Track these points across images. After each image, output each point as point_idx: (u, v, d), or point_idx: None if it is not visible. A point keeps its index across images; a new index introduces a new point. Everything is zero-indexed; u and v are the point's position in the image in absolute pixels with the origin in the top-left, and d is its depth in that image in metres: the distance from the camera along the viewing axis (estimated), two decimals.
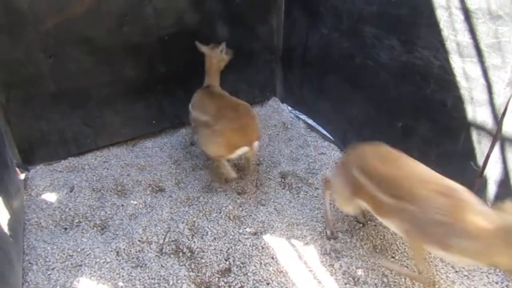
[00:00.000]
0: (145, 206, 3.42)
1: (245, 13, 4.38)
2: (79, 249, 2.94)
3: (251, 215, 3.32)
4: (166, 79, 4.22)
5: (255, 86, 4.91)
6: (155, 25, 3.88)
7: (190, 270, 2.82)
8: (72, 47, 3.58)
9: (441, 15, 2.73)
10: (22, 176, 3.60)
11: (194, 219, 3.25)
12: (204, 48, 3.78)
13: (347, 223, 3.24)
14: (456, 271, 2.78)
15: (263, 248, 2.98)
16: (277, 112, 4.89)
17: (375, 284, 2.71)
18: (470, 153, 2.80)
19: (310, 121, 4.58)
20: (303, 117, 4.70)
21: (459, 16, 2.61)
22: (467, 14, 2.56)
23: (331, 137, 4.28)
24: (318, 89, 4.27)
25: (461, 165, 2.90)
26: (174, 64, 4.19)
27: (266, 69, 4.85)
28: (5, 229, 2.63)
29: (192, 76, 4.37)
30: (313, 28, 4.08)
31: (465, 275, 2.75)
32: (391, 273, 2.78)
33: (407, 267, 2.82)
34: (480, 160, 2.75)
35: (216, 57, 3.76)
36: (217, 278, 2.77)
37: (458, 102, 2.79)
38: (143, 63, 4.02)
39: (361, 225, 3.20)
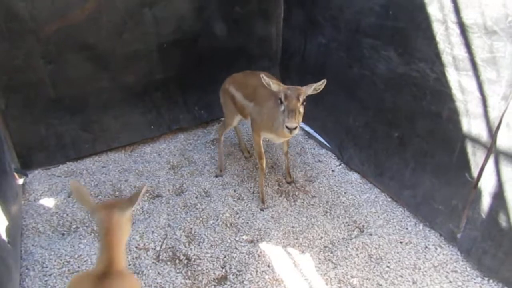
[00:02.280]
0: (142, 212, 3.44)
1: (244, 21, 4.41)
2: (76, 255, 2.96)
3: (247, 223, 3.34)
4: (165, 85, 4.25)
5: None
6: (155, 33, 3.92)
7: (186, 277, 2.84)
8: (71, 53, 3.61)
9: (438, 28, 2.77)
10: (20, 181, 3.61)
11: (191, 226, 3.27)
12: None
13: (344, 232, 3.27)
14: (450, 281, 2.81)
15: (259, 256, 3.00)
16: None
17: None
18: (465, 164, 2.84)
19: (308, 128, 4.61)
20: (300, 124, 4.71)
21: (455, 30, 2.65)
22: (463, 29, 2.60)
23: (328, 145, 4.31)
24: (316, 97, 4.27)
25: (456, 176, 2.93)
26: (173, 70, 4.22)
27: None
28: (3, 235, 2.64)
29: (190, 83, 4.41)
30: (311, 37, 4.12)
31: (459, 285, 2.78)
32: (386, 282, 2.81)
33: (401, 276, 2.86)
34: (475, 172, 2.79)
35: None
36: (213, 286, 2.79)
37: (454, 114, 2.82)
38: (142, 69, 4.05)
39: (356, 234, 3.24)
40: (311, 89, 2.94)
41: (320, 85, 2.94)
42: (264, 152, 3.53)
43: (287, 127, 2.80)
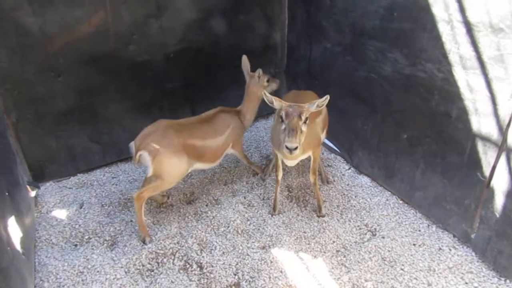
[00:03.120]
0: (153, 221, 3.45)
1: (249, 28, 4.45)
2: (89, 266, 2.97)
3: (259, 229, 3.33)
4: (172, 95, 4.29)
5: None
6: (161, 43, 3.97)
7: (199, 285, 2.83)
8: (80, 66, 3.66)
9: (443, 28, 2.77)
10: (32, 193, 3.64)
11: (203, 233, 3.27)
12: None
13: (356, 235, 3.25)
14: (466, 283, 2.77)
15: (271, 262, 2.99)
16: None
17: None
18: (476, 164, 2.81)
19: None
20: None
21: (461, 29, 2.64)
22: (468, 27, 2.60)
23: (337, 149, 4.30)
24: None
25: (467, 176, 2.91)
26: (180, 80, 4.26)
27: None
28: (18, 247, 2.66)
29: (197, 92, 4.44)
30: (316, 42, 4.13)
31: (475, 287, 2.74)
32: (401, 285, 2.78)
33: (416, 279, 2.83)
34: (487, 171, 2.76)
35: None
36: None
37: (463, 113, 2.81)
38: (149, 80, 4.09)
39: (368, 237, 3.22)
40: (314, 106, 2.82)
41: (323, 101, 2.81)
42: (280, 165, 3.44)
43: (286, 147, 2.68)
